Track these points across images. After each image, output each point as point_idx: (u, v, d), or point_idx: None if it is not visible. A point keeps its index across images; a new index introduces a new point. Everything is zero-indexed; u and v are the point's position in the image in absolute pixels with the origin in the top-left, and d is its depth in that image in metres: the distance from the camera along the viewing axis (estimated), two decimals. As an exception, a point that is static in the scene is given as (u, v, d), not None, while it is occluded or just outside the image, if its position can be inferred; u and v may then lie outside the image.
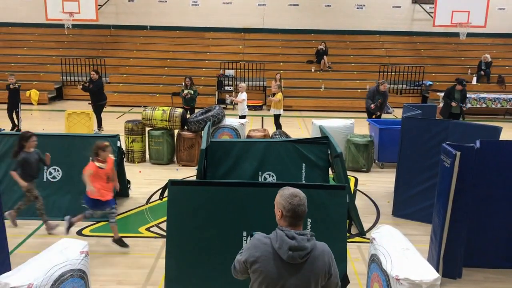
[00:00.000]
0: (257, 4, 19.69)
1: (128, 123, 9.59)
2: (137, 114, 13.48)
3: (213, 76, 16.98)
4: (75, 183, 6.87)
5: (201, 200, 4.70)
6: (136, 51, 18.82)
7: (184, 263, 4.67)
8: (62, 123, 11.37)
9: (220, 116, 9.71)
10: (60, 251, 3.86)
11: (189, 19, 19.71)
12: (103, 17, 18.77)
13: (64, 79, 17.23)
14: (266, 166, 6.70)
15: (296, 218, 2.60)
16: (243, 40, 19.59)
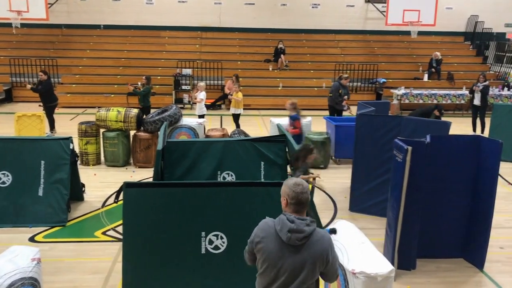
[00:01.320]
0: (213, 3, 19.60)
1: (82, 124, 9.33)
2: (91, 116, 13.13)
3: (170, 75, 16.77)
4: (26, 188, 6.64)
5: (158, 201, 4.63)
6: (89, 50, 18.33)
7: (141, 266, 4.59)
8: (11, 126, 10.92)
9: (177, 116, 9.61)
10: (10, 259, 3.71)
11: (144, 18, 19.39)
12: (54, 16, 18.18)
13: (13, 80, 16.55)
14: (225, 166, 6.68)
15: (299, 205, 2.82)
16: (200, 39, 19.45)
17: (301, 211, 2.84)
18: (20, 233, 6.23)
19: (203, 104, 11.27)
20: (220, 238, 4.66)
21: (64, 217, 6.58)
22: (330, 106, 11.42)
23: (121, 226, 6.12)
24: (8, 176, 6.64)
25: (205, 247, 4.64)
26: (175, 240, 4.61)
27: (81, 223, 6.72)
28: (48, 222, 6.51)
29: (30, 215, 6.54)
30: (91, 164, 9.24)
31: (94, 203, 7.35)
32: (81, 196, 7.42)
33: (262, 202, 4.72)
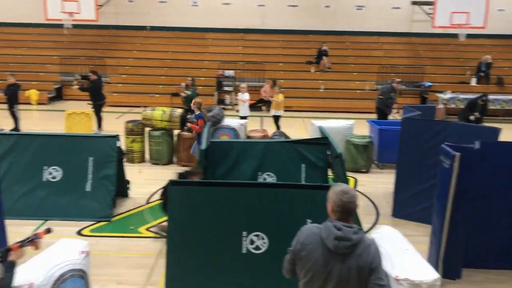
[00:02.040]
0: (257, 5, 19.71)
1: (128, 123, 9.60)
2: (136, 115, 13.49)
3: (213, 76, 16.99)
4: (75, 183, 6.90)
5: (201, 200, 4.72)
6: (136, 51, 18.82)
7: (184, 263, 4.69)
8: (62, 123, 11.36)
9: (219, 117, 9.72)
10: (61, 251, 3.87)
11: (189, 20, 19.73)
12: (103, 17, 18.77)
13: (63, 79, 17.22)
14: (266, 167, 6.72)
15: (345, 213, 2.74)
16: (242, 40, 19.61)
17: (347, 219, 2.76)
18: (69, 226, 6.47)
19: (246, 105, 11.35)
20: (261, 239, 4.68)
21: (109, 212, 6.79)
22: (379, 108, 11.24)
23: (165, 223, 6.29)
24: (59, 171, 6.92)
25: (246, 247, 4.68)
26: (217, 238, 4.68)
27: (125, 218, 6.91)
28: (95, 217, 6.74)
29: (78, 209, 6.78)
30: (136, 161, 9.48)
31: (138, 200, 7.54)
32: (126, 193, 7.63)
33: (304, 205, 4.71)
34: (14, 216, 6.23)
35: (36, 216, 6.67)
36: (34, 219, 6.61)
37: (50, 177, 6.90)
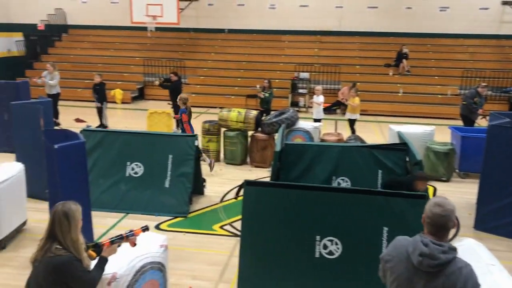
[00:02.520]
0: (335, 7, 19.49)
1: (205, 123, 9.88)
2: (212, 115, 13.83)
3: (287, 78, 17.03)
4: (155, 179, 7.21)
5: (275, 201, 4.74)
6: (214, 53, 19.33)
7: (257, 263, 4.73)
8: (143, 121, 11.93)
9: (294, 119, 9.72)
10: (142, 243, 4.03)
11: (266, 22, 19.93)
12: (184, 20, 19.45)
13: (146, 80, 18.07)
14: (341, 171, 6.63)
15: (435, 227, 2.57)
16: (319, 43, 19.48)
17: (438, 234, 2.55)
18: (148, 220, 6.72)
19: (321, 108, 11.26)
20: (335, 244, 4.62)
21: (186, 209, 7.03)
22: (463, 115, 10.69)
23: (238, 222, 6.39)
24: (140, 167, 7.27)
25: (319, 251, 4.63)
26: (290, 241, 4.67)
27: (200, 215, 7.11)
28: (172, 212, 7.00)
29: (157, 204, 7.08)
30: (211, 160, 9.73)
31: (213, 198, 7.73)
32: (202, 191, 7.84)
33: (380, 212, 4.59)
34: (98, 208, 6.64)
35: (118, 209, 7.05)
36: (117, 211, 7.00)
37: (132, 173, 7.27)
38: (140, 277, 3.80)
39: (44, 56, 19.73)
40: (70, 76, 17.53)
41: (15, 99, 8.91)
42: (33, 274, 3.06)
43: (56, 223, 2.97)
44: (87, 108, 15.34)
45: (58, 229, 2.98)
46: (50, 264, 2.96)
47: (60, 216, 2.98)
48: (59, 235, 2.98)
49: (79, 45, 20.39)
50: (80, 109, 15.18)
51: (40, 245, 3.02)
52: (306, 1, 19.56)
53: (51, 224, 3.00)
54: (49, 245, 2.98)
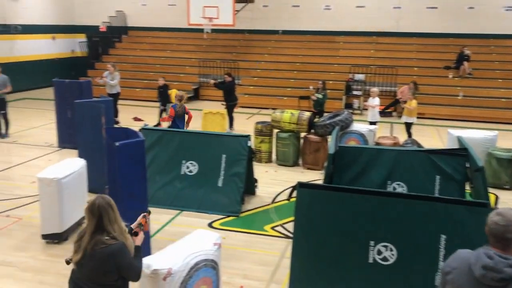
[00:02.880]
0: (392, 7, 19.03)
1: (258, 124, 9.93)
2: (265, 116, 13.88)
3: (342, 80, 16.81)
4: (208, 178, 7.34)
5: (328, 204, 4.70)
6: (267, 55, 19.40)
7: (308, 265, 4.71)
8: (198, 121, 12.17)
9: (348, 121, 9.57)
10: (196, 241, 4.13)
11: (320, 23, 19.76)
12: (239, 22, 19.62)
13: (201, 80, 18.41)
14: (396, 176, 6.48)
15: (496, 239, 2.45)
16: (375, 44, 19.09)
17: (503, 247, 2.42)
18: (201, 218, 6.90)
19: (376, 110, 11.03)
20: (390, 250, 4.51)
21: (238, 208, 7.10)
22: None
23: (290, 223, 6.38)
24: (195, 166, 7.42)
25: (373, 257, 4.54)
26: (343, 244, 4.62)
27: (252, 215, 7.16)
28: (224, 211, 7.09)
29: (210, 202, 7.20)
30: (263, 161, 9.76)
31: (264, 198, 7.76)
32: (254, 191, 7.89)
33: (438, 219, 4.44)
34: (154, 204, 6.78)
35: (173, 206, 7.23)
36: (171, 208, 7.18)
37: (187, 171, 7.43)
38: (194, 274, 3.88)
39: (105, 57, 20.56)
40: (129, 76, 18.17)
41: (78, 97, 9.36)
42: (80, 272, 3.12)
43: (104, 215, 3.06)
44: (144, 107, 15.85)
45: (106, 220, 3.06)
46: (104, 253, 3.02)
47: (105, 207, 3.07)
48: (107, 225, 3.06)
49: (138, 46, 21.08)
50: (138, 108, 15.69)
51: (85, 242, 3.07)
52: (362, 2, 19.23)
53: (97, 217, 3.06)
54: (98, 237, 3.05)
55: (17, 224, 6.58)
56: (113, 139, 5.13)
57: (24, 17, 19.19)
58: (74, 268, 3.17)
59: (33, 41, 19.76)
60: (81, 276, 3.14)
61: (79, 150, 8.00)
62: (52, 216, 5.85)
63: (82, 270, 3.11)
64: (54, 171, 5.93)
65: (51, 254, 5.71)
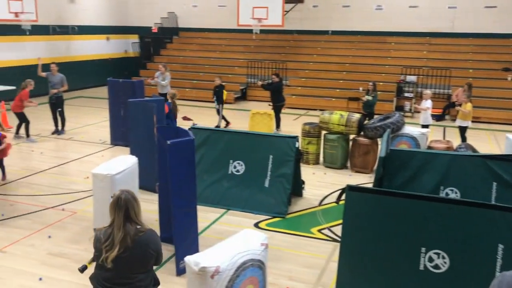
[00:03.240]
0: (447, 7, 18.40)
1: (306, 125, 9.86)
2: (312, 117, 13.79)
3: (393, 82, 16.43)
4: (255, 178, 7.35)
5: (378, 208, 4.58)
6: (316, 55, 19.25)
7: (356, 270, 4.61)
8: (245, 121, 12.25)
9: (399, 124, 9.33)
10: (244, 240, 4.14)
11: (371, 24, 19.40)
12: (288, 22, 19.58)
13: (248, 81, 18.51)
14: (450, 181, 6.25)
15: None
16: (428, 45, 18.52)
17: None
18: (247, 218, 6.93)
19: (428, 113, 10.69)
20: (442, 258, 4.35)
21: (284, 209, 7.07)
22: None
23: (337, 227, 6.30)
24: (242, 166, 7.46)
25: (423, 264, 4.39)
26: (393, 250, 4.49)
27: (299, 217, 7.11)
28: (270, 212, 7.08)
29: (256, 203, 7.21)
30: (310, 163, 9.68)
31: (311, 201, 7.70)
32: (300, 192, 7.84)
33: (495, 227, 4.23)
34: (201, 202, 6.88)
35: (219, 205, 7.30)
36: (218, 207, 7.26)
37: (234, 170, 7.49)
38: (241, 273, 3.89)
39: (156, 57, 21.08)
40: (179, 77, 18.52)
41: (131, 96, 9.64)
42: (117, 269, 3.17)
43: (130, 208, 3.18)
44: (194, 107, 16.13)
45: (132, 212, 3.19)
46: (145, 240, 3.20)
47: (131, 200, 3.21)
48: (134, 217, 3.20)
49: (188, 47, 21.47)
50: (187, 107, 15.97)
51: (119, 236, 3.13)
52: (416, 2, 18.71)
53: (124, 210, 3.17)
54: (131, 228, 3.18)
55: (72, 217, 6.85)
56: (164, 137, 5.24)
57: (80, 19, 20.00)
58: (103, 268, 3.21)
59: (88, 42, 20.56)
60: (116, 274, 3.19)
61: (131, 148, 8.23)
62: (104, 211, 6.01)
63: (121, 266, 3.16)
64: (108, 167, 6.13)
65: (103, 248, 5.90)
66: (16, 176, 8.54)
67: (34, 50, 17.69)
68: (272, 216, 7.03)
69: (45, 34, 18.26)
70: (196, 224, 5.41)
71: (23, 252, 5.77)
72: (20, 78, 16.48)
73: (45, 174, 8.79)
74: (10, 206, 7.23)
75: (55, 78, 11.60)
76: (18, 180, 8.35)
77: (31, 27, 16.33)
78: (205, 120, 13.02)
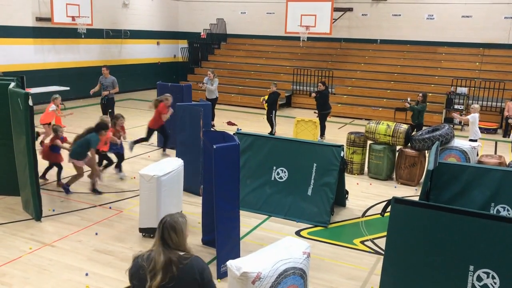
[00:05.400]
0: (503, 17, 17.73)
1: (351, 134, 9.74)
2: (357, 126, 13.61)
3: (442, 93, 15.98)
4: (298, 186, 7.32)
5: (424, 223, 4.46)
6: (364, 64, 18.99)
7: (400, 285, 4.51)
8: (288, 128, 12.24)
9: (449, 137, 9.05)
10: (286, 247, 4.13)
11: (422, 33, 18.97)
12: (336, 30, 19.46)
13: (294, 88, 18.49)
14: (501, 198, 6.00)
15: None
16: (481, 56, 17.90)
17: None
18: (289, 225, 6.91)
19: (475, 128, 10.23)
20: (492, 278, 4.18)
21: (327, 219, 6.99)
22: None
23: (381, 239, 6.17)
24: (285, 173, 7.44)
25: (472, 283, 4.24)
26: (439, 267, 4.35)
27: (341, 227, 7.02)
28: (312, 221, 7.03)
29: (298, 210, 7.18)
30: (355, 173, 9.56)
31: (355, 211, 7.58)
32: (344, 202, 7.74)
33: (551, 249, 4.02)
34: (243, 207, 6.92)
35: (261, 210, 7.31)
36: (260, 212, 7.27)
37: (277, 177, 7.48)
38: (282, 281, 3.87)
39: (204, 62, 21.44)
40: (225, 82, 18.76)
41: (179, 100, 9.85)
42: None
43: (171, 234, 2.87)
44: (238, 112, 16.27)
45: (173, 238, 2.88)
46: (192, 268, 2.83)
47: (174, 226, 2.90)
48: (173, 243, 2.87)
49: (235, 53, 21.71)
50: (232, 113, 16.15)
51: (160, 263, 2.79)
52: (469, 12, 18.14)
53: (164, 237, 2.88)
54: (173, 254, 2.84)
55: (118, 216, 7.06)
56: (211, 141, 5.32)
57: (132, 23, 20.65)
58: None
59: (140, 46, 21.19)
60: None
61: (177, 150, 8.40)
62: (149, 211, 6.18)
63: None
64: (155, 169, 6.27)
65: (147, 247, 5.95)
66: (66, 173, 8.88)
67: (88, 53, 18.44)
68: (314, 225, 6.97)
69: (99, 38, 18.97)
70: (239, 229, 5.44)
71: (71, 247, 5.99)
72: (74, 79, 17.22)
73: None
74: (60, 202, 7.53)
75: (106, 81, 12.02)
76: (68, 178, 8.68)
77: (86, 31, 17.03)
78: (250, 126, 13.10)
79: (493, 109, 15.41)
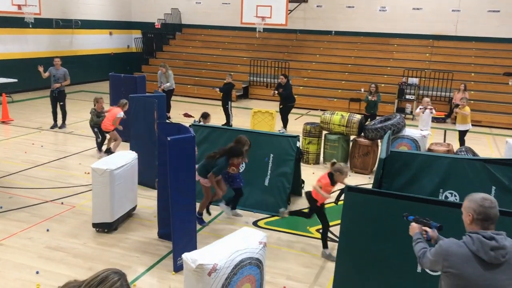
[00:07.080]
0: (451, 10, 18.38)
1: (307, 125, 9.86)
2: (313, 117, 13.78)
3: (394, 83, 16.42)
4: (255, 176, 7.34)
5: (377, 210, 4.58)
6: (319, 55, 19.23)
7: (354, 270, 4.62)
8: (245, 119, 12.24)
9: (400, 126, 9.33)
10: (242, 238, 4.14)
11: (375, 25, 19.39)
12: (291, 22, 19.56)
13: (251, 79, 18.50)
14: (449, 184, 6.23)
15: (488, 221, 2.72)
16: (430, 47, 18.52)
17: (490, 228, 2.71)
18: (246, 216, 6.93)
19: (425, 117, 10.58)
20: (440, 261, 4.34)
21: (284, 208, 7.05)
22: None
23: (335, 227, 6.30)
24: (242, 164, 7.39)
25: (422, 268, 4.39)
26: (390, 252, 4.49)
27: (297, 217, 7.09)
28: (269, 211, 7.08)
29: (256, 201, 7.21)
30: (311, 163, 9.69)
31: (310, 201, 7.68)
32: (300, 192, 7.84)
33: (494, 231, 4.22)
34: (200, 200, 6.84)
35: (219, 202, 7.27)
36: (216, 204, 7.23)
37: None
38: (239, 271, 3.89)
39: (158, 53, 21.07)
40: (180, 73, 18.52)
41: (133, 92, 9.64)
42: None
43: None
44: (195, 104, 16.12)
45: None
46: None
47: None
48: None
49: (191, 44, 21.46)
50: (188, 104, 15.98)
51: None
52: (419, 4, 18.70)
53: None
54: None
55: (70, 211, 6.86)
56: (165, 133, 5.24)
57: (83, 13, 19.99)
58: None
59: (92, 36, 20.55)
60: None
61: (131, 143, 8.23)
62: (103, 206, 6.04)
63: None
64: (107, 162, 6.13)
65: (101, 243, 5.91)
66: (15, 168, 8.55)
67: (37, 44, 17.71)
68: (271, 214, 7.02)
69: (49, 28, 18.25)
70: (195, 221, 5.41)
71: (21, 245, 5.77)
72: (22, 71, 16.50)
73: (45, 167, 8.80)
74: (9, 198, 7.23)
75: (58, 72, 11.59)
76: (17, 173, 8.35)
77: (34, 20, 16.32)
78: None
79: (442, 99, 15.98)
